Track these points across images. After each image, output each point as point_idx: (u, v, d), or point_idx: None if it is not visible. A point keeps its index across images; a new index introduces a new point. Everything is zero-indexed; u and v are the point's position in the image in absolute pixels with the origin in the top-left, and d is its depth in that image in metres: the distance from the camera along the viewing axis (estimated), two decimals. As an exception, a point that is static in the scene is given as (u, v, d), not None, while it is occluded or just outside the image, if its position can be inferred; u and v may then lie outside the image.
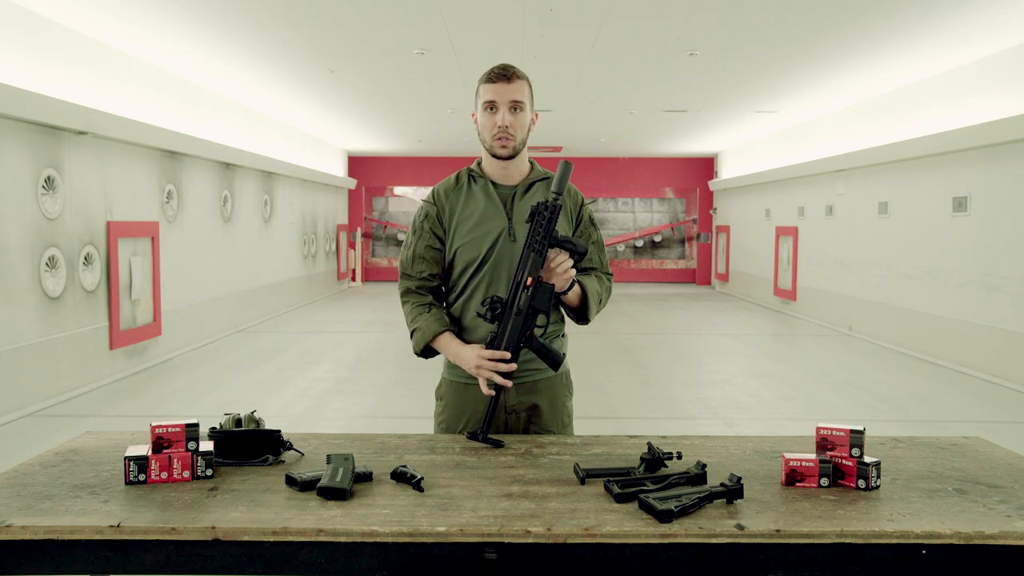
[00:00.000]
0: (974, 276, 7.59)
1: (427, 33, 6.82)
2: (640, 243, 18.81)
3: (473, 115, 2.23)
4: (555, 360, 2.09)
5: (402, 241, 18.73)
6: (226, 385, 6.91)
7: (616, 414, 5.89)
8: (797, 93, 9.63)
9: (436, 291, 2.26)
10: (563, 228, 2.21)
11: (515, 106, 2.12)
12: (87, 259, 6.62)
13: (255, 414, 1.97)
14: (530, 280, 2.01)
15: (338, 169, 16.53)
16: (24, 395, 5.80)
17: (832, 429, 1.77)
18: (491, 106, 2.13)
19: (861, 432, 1.75)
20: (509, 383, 2.03)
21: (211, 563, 1.51)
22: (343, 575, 1.52)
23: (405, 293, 2.24)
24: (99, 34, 6.74)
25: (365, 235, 18.55)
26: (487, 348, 2.04)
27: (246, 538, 1.50)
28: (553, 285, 2.04)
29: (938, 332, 8.20)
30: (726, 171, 16.68)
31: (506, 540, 1.49)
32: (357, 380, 7.08)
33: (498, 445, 2.03)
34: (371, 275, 18.62)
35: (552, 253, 2.03)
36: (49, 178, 6.09)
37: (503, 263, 2.14)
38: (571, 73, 8.49)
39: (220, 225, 9.73)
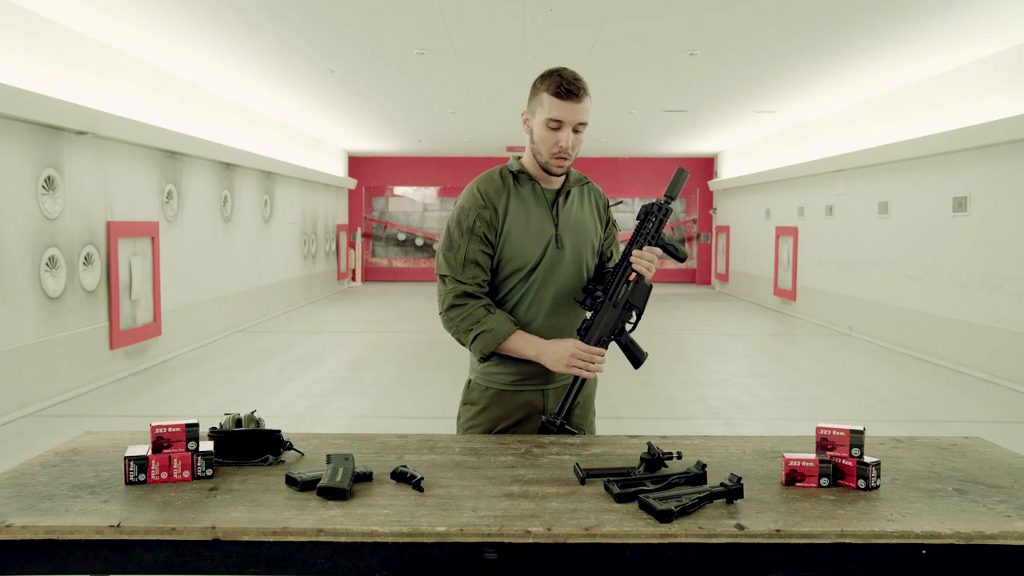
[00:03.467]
0: (974, 276, 7.59)
1: (427, 33, 6.82)
2: (640, 243, 18.79)
3: (524, 115, 2.13)
4: (638, 358, 2.11)
5: (403, 241, 18.78)
6: (226, 385, 6.91)
7: (616, 414, 5.89)
8: (797, 93, 9.63)
9: (488, 296, 2.13)
10: (593, 224, 2.21)
11: (579, 127, 2.05)
12: (87, 259, 6.62)
13: (255, 414, 1.97)
14: (632, 276, 2.04)
15: (338, 169, 16.53)
16: (24, 395, 5.80)
17: (832, 429, 1.77)
18: (556, 125, 2.03)
19: (861, 432, 1.75)
20: (598, 372, 2.03)
21: (211, 563, 1.51)
22: (343, 575, 1.52)
23: (460, 296, 2.06)
24: (99, 34, 6.74)
25: (365, 235, 18.56)
26: (580, 338, 2.05)
27: (246, 538, 1.50)
28: (652, 286, 2.08)
29: (938, 332, 8.20)
30: (726, 171, 16.68)
31: (506, 540, 1.49)
32: (357, 380, 7.08)
33: (573, 433, 2.07)
34: (371, 275, 18.62)
35: (646, 249, 2.04)
36: (49, 178, 6.09)
37: (552, 269, 2.11)
38: (571, 73, 8.48)
39: (220, 225, 9.73)
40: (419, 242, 18.75)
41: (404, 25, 6.62)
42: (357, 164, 18.01)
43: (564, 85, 2.01)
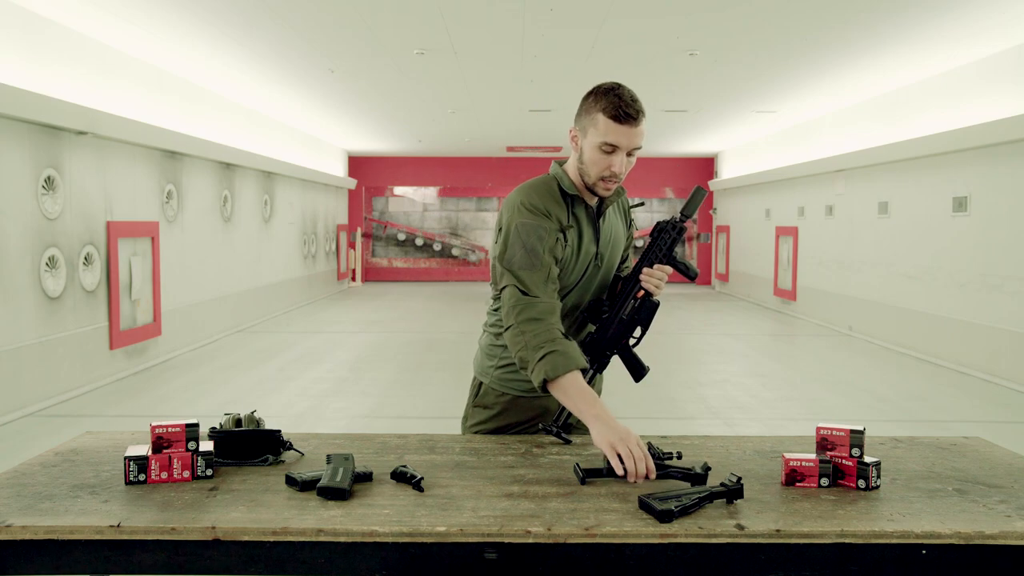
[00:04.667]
0: (974, 276, 7.59)
1: (427, 33, 6.82)
2: (640, 243, 18.82)
3: (572, 132, 2.03)
4: (640, 371, 2.10)
5: (403, 241, 18.76)
6: (226, 385, 6.91)
7: (616, 414, 5.88)
8: (797, 93, 9.63)
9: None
10: (623, 234, 2.21)
11: (633, 151, 1.95)
12: (87, 259, 6.62)
13: (255, 414, 1.97)
14: (641, 293, 2.03)
15: (338, 169, 16.53)
16: (24, 395, 5.80)
17: (832, 429, 1.77)
18: (610, 149, 1.92)
19: (861, 432, 1.75)
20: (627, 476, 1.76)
21: (211, 563, 1.51)
22: (343, 575, 1.52)
23: (545, 312, 1.92)
24: (99, 34, 6.74)
25: (365, 235, 18.55)
26: (583, 350, 2.02)
27: (246, 538, 1.50)
28: (659, 303, 2.05)
29: (938, 332, 8.20)
30: (726, 171, 16.68)
31: (506, 540, 1.49)
32: (357, 380, 7.08)
33: (567, 442, 2.03)
34: (371, 275, 18.62)
35: (657, 268, 2.03)
36: (49, 178, 6.09)
37: (588, 287, 2.10)
38: (571, 73, 8.49)
39: (220, 225, 9.73)
40: (419, 242, 18.75)
41: (404, 25, 6.62)
42: (357, 164, 18.00)
43: (623, 108, 1.89)
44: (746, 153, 15.17)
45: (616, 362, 2.13)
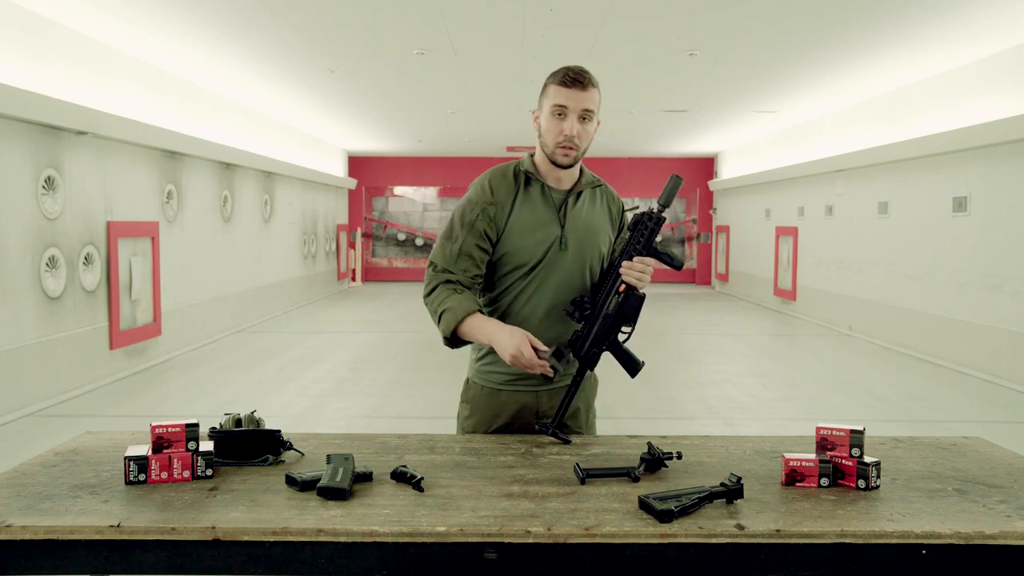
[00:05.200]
0: (974, 276, 7.59)
1: (427, 33, 6.82)
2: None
3: (535, 113, 2.13)
4: (634, 367, 2.09)
5: (403, 241, 18.78)
6: (226, 385, 6.91)
7: (616, 414, 5.89)
8: (797, 93, 9.63)
9: (471, 289, 2.13)
10: (603, 227, 2.19)
11: (585, 115, 2.04)
12: (87, 259, 6.62)
13: (255, 414, 1.97)
14: (623, 288, 2.02)
15: (338, 169, 16.53)
16: (24, 395, 5.80)
17: (832, 429, 1.77)
18: (560, 112, 2.04)
19: (861, 432, 1.75)
20: (549, 372, 1.96)
21: (211, 563, 1.51)
22: (343, 575, 1.52)
23: (442, 283, 2.09)
24: (99, 34, 6.74)
25: (365, 235, 18.55)
26: (569, 345, 2.01)
27: (246, 538, 1.50)
28: (644, 296, 2.04)
29: (938, 332, 8.20)
30: (726, 171, 16.68)
31: (506, 540, 1.49)
32: (357, 380, 7.08)
33: (566, 442, 2.03)
34: (371, 275, 18.62)
35: (637, 260, 2.02)
36: (49, 178, 6.09)
37: (553, 270, 2.10)
38: (571, 73, 8.48)
39: (220, 225, 9.73)
40: (419, 242, 18.75)
41: (404, 25, 6.62)
42: (357, 164, 18.00)
43: (570, 74, 2.05)
44: (746, 153, 15.16)
45: (613, 360, 2.12)
